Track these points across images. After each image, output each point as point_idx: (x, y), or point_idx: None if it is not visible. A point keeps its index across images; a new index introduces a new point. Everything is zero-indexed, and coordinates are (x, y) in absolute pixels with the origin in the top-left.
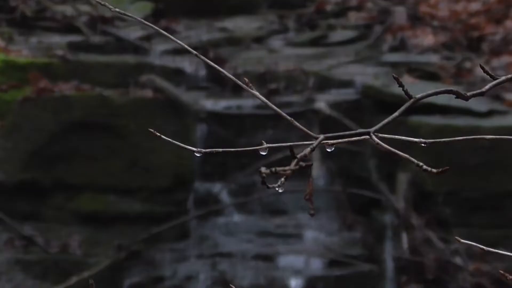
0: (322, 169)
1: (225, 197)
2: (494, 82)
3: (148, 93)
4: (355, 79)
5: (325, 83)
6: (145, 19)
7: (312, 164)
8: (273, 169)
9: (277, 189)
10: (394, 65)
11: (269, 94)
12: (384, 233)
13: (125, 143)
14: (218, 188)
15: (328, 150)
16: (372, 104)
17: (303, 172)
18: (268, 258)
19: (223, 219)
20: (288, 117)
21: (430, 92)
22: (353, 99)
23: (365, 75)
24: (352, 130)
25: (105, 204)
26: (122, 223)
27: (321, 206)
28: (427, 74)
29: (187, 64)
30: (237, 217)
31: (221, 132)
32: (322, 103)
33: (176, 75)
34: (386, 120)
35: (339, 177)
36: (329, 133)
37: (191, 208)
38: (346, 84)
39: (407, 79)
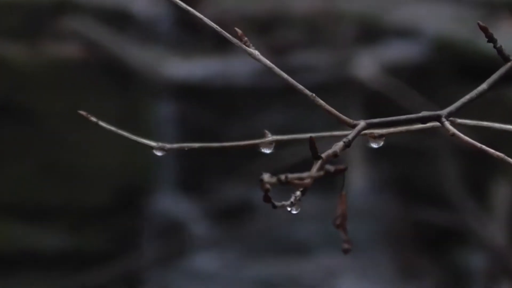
0: (366, 178)
1: (203, 223)
2: None
3: (73, 50)
4: (423, 26)
5: (372, 33)
6: None
7: (346, 169)
8: (283, 176)
9: (289, 209)
10: (487, 3)
11: (277, 53)
12: (471, 283)
13: (35, 134)
14: (192, 209)
15: (374, 145)
16: (451, 69)
17: (333, 183)
18: None
19: (200, 261)
20: (308, 92)
21: None
22: (419, 60)
23: (439, 19)
24: (413, 112)
25: (1, 236)
26: (31, 268)
27: (364, 238)
28: None
29: (137, 2)
30: (223, 258)
31: (198, 116)
32: (366, 66)
33: (120, 20)
34: (468, 96)
35: (395, 191)
36: (376, 117)
37: (146, 241)
38: (408, 34)
39: (508, 27)
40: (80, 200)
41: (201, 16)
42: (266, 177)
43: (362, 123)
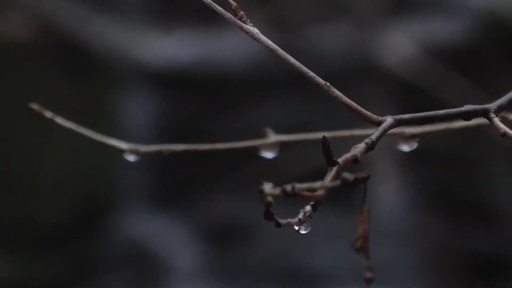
0: (397, 191)
1: (186, 248)
2: None
3: (21, 27)
4: None
5: (404, 4)
6: None
7: (369, 178)
8: (289, 187)
9: (297, 228)
10: None
11: (282, 31)
12: None
13: None
14: (171, 229)
15: (406, 148)
16: (504, 52)
17: (352, 196)
18: None
19: None
20: (321, 80)
21: None
22: (464, 41)
23: None
24: (455, 106)
25: None
26: None
27: (395, 267)
28: None
29: None
30: None
31: (180, 111)
32: (396, 47)
33: None
34: None
35: (435, 209)
36: (409, 111)
37: (111, 271)
38: (450, 7)
39: None
40: (27, 218)
41: None
42: (268, 188)
43: (389, 120)
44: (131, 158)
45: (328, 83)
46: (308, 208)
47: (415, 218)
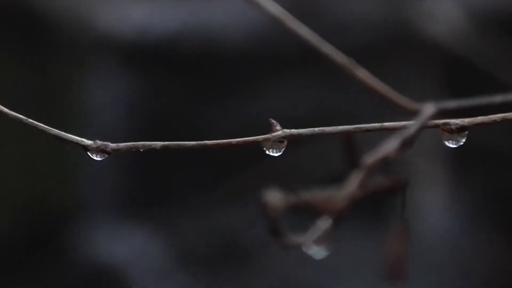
0: (445, 202)
1: (166, 272)
2: None
3: None
4: None
5: None
6: None
7: (407, 184)
8: (302, 195)
9: (312, 251)
10: None
11: None
12: None
13: None
14: (145, 248)
15: (451, 144)
16: None
17: (383, 208)
18: None
19: None
20: (343, 56)
21: None
22: None
23: None
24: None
25: None
26: None
27: None
28: None
29: None
30: None
31: (160, 96)
32: (443, 16)
33: None
34: None
35: (493, 223)
36: (459, 97)
37: None
38: None
39: None
40: None
41: None
42: (274, 196)
43: (431, 108)
44: (96, 157)
45: (352, 61)
46: (326, 223)
47: (466, 235)
